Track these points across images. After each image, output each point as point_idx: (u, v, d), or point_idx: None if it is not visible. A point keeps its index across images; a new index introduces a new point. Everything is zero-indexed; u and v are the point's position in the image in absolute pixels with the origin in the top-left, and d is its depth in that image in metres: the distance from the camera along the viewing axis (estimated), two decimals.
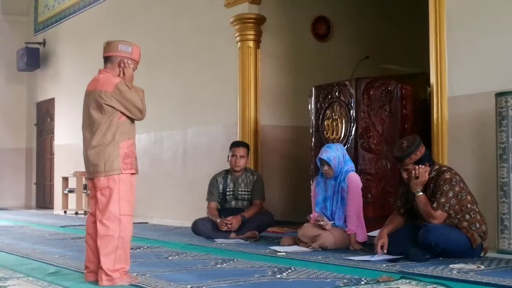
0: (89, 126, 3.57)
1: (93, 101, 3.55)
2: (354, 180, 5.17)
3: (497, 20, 5.14)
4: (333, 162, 5.15)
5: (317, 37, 8.48)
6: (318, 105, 6.48)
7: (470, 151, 5.26)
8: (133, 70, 3.68)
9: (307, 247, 5.05)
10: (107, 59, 3.67)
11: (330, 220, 5.14)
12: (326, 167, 5.19)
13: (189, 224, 6.36)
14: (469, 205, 4.42)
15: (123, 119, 3.56)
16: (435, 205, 4.37)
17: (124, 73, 3.62)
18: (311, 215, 5.30)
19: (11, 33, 13.42)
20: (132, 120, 3.62)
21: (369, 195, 5.83)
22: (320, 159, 5.20)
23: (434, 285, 3.26)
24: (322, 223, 5.09)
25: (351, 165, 5.26)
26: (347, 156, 5.29)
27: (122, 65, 3.62)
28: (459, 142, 5.34)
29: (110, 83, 3.53)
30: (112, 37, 4.07)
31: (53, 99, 12.76)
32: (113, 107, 3.52)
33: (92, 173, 3.55)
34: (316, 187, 5.36)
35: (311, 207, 5.41)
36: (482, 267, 3.95)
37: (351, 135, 6.07)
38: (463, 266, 3.94)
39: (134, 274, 3.70)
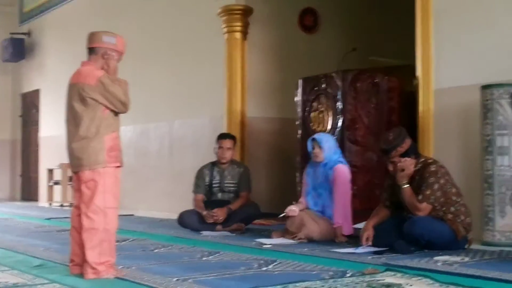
0: (73, 119, 3.55)
1: (76, 94, 3.53)
2: (341, 171, 5.17)
3: (483, 13, 5.16)
4: (324, 144, 5.17)
5: (304, 29, 8.46)
6: (304, 97, 6.48)
7: (456, 143, 5.29)
8: (118, 62, 3.65)
9: (293, 238, 5.07)
10: (91, 50, 3.64)
11: (323, 213, 5.17)
12: (316, 149, 5.20)
13: (175, 216, 6.36)
14: (454, 198, 4.45)
15: (107, 112, 3.54)
16: (420, 197, 4.39)
17: (108, 65, 3.60)
18: (293, 202, 5.33)
19: None
20: (116, 113, 3.60)
21: (355, 187, 5.82)
22: (313, 139, 5.22)
23: (419, 277, 3.28)
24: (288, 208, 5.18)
25: (342, 159, 5.28)
26: (339, 152, 5.32)
27: (106, 56, 3.60)
28: (444, 135, 5.37)
29: (93, 76, 3.50)
30: (99, 28, 4.04)
31: (38, 90, 12.67)
32: (96, 101, 3.49)
33: (76, 166, 3.54)
34: (306, 177, 5.38)
35: (299, 197, 5.44)
36: (467, 259, 3.98)
37: (337, 127, 6.08)
38: (448, 258, 3.97)
39: (120, 267, 3.69)
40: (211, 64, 8.03)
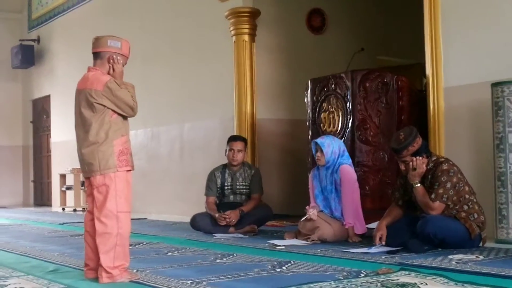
0: (82, 124, 3.56)
1: (83, 100, 3.53)
2: (346, 172, 5.15)
3: (491, 11, 5.14)
4: (325, 149, 5.15)
5: (312, 29, 8.46)
6: (314, 98, 6.47)
7: (467, 141, 5.26)
8: (123, 66, 3.64)
9: (306, 240, 5.06)
10: (96, 55, 3.64)
11: (333, 215, 5.15)
12: (318, 153, 5.19)
13: (187, 219, 6.36)
14: (467, 196, 4.43)
15: (115, 117, 3.54)
16: (433, 196, 4.37)
17: (113, 69, 3.59)
18: (307, 207, 5.31)
19: (4, 30, 13.38)
20: (124, 117, 3.59)
21: (366, 187, 5.83)
22: (315, 142, 5.22)
23: (434, 276, 3.26)
24: (308, 212, 5.12)
25: (347, 161, 5.25)
26: (346, 153, 5.28)
27: (112, 61, 3.59)
28: (455, 133, 5.34)
29: (100, 81, 3.50)
30: (107, 32, 4.05)
31: (48, 96, 12.75)
32: (104, 106, 3.49)
33: (87, 172, 3.54)
34: (313, 180, 5.37)
35: (309, 200, 5.42)
36: (481, 257, 3.96)
37: (348, 128, 6.07)
38: (462, 257, 3.95)
39: (134, 270, 3.70)
40: (220, 67, 8.04)
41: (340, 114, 6.17)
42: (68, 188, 11.25)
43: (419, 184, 4.44)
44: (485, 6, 5.17)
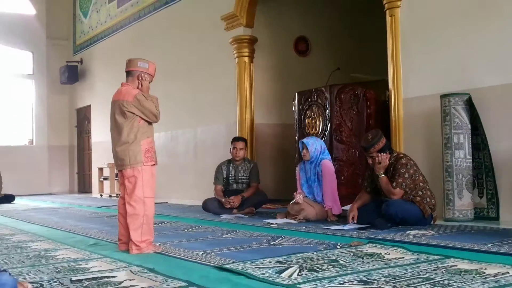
0: (116, 128, 3.57)
1: (117, 109, 3.54)
2: (326, 165, 5.16)
3: (442, 36, 5.14)
4: (310, 147, 5.16)
5: (298, 53, 8.45)
6: (300, 107, 6.46)
7: (421, 141, 5.27)
8: (149, 82, 3.67)
9: (294, 219, 5.06)
10: (128, 73, 3.66)
11: (315, 199, 5.15)
12: (304, 150, 5.20)
13: (200, 203, 6.36)
14: (421, 184, 4.43)
15: (142, 122, 3.55)
16: (394, 184, 4.38)
17: (142, 85, 3.61)
18: (295, 193, 5.31)
19: (55, 54, 13.35)
20: (149, 123, 3.60)
21: (342, 177, 5.83)
22: (302, 142, 5.22)
23: (395, 248, 3.26)
24: (295, 197, 5.11)
25: (327, 156, 5.25)
26: (327, 151, 5.29)
27: (140, 78, 3.61)
28: (412, 134, 5.35)
29: (131, 94, 3.53)
30: (137, 56, 4.05)
31: (89, 105, 12.72)
32: (134, 113, 3.51)
33: (120, 165, 3.55)
34: (300, 172, 5.37)
35: (296, 187, 5.42)
36: (433, 232, 3.96)
37: (327, 130, 6.07)
38: (417, 232, 3.95)
39: (158, 244, 3.70)
40: (225, 82, 8.03)
41: (320, 119, 6.17)
42: (105, 178, 11.24)
43: (383, 175, 4.45)
44: (436, 32, 5.17)
